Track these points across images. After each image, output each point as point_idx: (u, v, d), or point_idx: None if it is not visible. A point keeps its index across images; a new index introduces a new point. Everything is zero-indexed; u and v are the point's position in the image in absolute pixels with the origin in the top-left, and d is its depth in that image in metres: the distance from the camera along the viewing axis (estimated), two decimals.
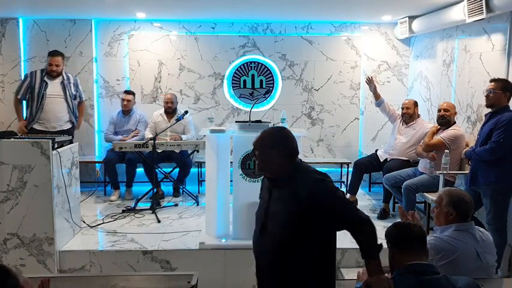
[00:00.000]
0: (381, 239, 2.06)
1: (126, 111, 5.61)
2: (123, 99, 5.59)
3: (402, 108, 5.06)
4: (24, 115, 5.13)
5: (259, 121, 4.15)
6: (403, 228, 2.07)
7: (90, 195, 5.43)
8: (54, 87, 4.95)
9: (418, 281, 1.86)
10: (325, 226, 2.02)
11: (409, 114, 4.98)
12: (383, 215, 4.75)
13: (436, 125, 4.49)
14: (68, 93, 5.02)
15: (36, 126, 4.94)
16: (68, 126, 5.07)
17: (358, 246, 2.03)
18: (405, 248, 1.97)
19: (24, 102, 5.12)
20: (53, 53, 4.98)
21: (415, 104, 5.04)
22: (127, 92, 5.65)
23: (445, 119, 4.33)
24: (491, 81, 3.59)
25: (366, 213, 2.10)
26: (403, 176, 4.55)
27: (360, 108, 6.11)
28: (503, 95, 3.51)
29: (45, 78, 4.93)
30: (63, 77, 5.04)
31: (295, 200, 1.99)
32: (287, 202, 2.03)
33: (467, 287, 1.94)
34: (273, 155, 2.09)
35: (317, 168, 2.14)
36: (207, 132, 3.93)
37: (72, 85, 5.10)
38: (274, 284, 2.10)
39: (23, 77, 4.92)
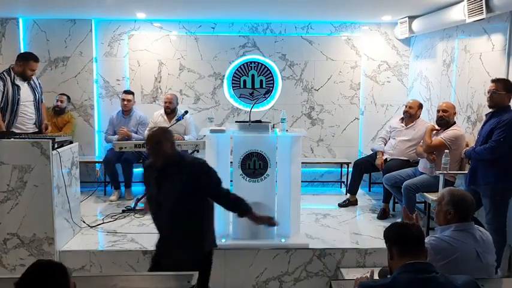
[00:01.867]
0: (380, 238, 2.07)
1: (127, 111, 5.61)
2: (123, 99, 5.59)
3: (405, 106, 5.07)
4: None
5: (259, 121, 4.15)
6: (401, 229, 2.08)
7: (90, 195, 5.44)
8: (25, 90, 4.50)
9: (417, 279, 1.87)
10: (203, 193, 2.82)
11: (410, 114, 4.97)
12: (383, 215, 4.75)
13: (433, 124, 4.49)
14: (37, 96, 4.61)
15: (14, 130, 4.50)
16: (35, 129, 4.63)
17: (358, 247, 2.06)
18: (404, 248, 1.98)
19: None
20: (37, 59, 4.55)
21: (420, 106, 5.03)
22: (126, 92, 5.65)
23: (444, 120, 4.33)
24: (493, 81, 3.58)
25: (365, 213, 2.14)
26: (403, 176, 4.54)
27: (359, 108, 6.11)
28: (506, 96, 3.51)
29: (17, 82, 4.44)
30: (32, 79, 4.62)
31: (185, 176, 2.76)
32: (179, 180, 2.75)
33: (466, 285, 1.94)
34: (165, 147, 2.77)
35: (317, 168, 2.24)
36: (207, 132, 3.93)
37: (38, 87, 4.67)
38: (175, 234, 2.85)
39: None
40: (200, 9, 5.24)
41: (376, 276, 2.38)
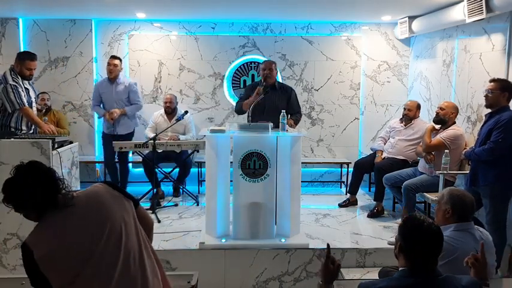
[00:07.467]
0: (380, 238, 2.05)
1: (112, 78, 5.19)
2: (108, 64, 5.19)
3: (404, 109, 5.07)
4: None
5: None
6: (420, 238, 1.88)
7: None
8: (31, 92, 4.35)
9: (420, 280, 1.85)
10: None
11: (409, 116, 4.98)
12: (375, 213, 4.73)
13: (433, 124, 4.49)
14: (35, 97, 4.47)
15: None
16: (30, 130, 4.39)
17: (358, 247, 2.02)
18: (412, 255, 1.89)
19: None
20: (34, 57, 4.31)
21: (418, 106, 5.03)
22: (113, 57, 5.26)
23: (439, 117, 4.33)
24: (491, 81, 3.60)
25: (365, 213, 2.09)
26: (403, 176, 4.54)
27: (359, 108, 6.12)
28: (501, 95, 3.51)
29: (25, 85, 4.27)
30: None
31: None
32: None
33: (470, 285, 1.93)
34: None
35: (317, 169, 2.18)
36: (207, 132, 3.93)
37: (34, 88, 4.52)
38: None
39: (8, 87, 4.10)
40: (200, 9, 5.24)
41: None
